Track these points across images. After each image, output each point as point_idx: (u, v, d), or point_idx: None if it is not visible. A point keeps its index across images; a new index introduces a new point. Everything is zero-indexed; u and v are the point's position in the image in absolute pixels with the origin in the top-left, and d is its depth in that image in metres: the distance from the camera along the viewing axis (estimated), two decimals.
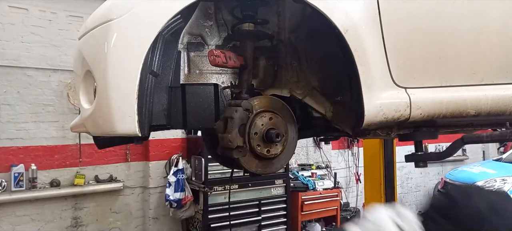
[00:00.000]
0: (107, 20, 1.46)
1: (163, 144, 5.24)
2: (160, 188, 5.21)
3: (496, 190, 1.08)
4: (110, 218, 5.07)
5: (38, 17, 4.60)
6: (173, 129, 1.90)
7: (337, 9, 1.59)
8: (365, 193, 4.40)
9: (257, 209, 5.18)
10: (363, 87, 1.61)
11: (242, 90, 1.80)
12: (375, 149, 4.03)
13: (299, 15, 1.85)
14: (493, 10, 1.88)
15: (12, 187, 4.38)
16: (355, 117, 1.70)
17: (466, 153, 7.99)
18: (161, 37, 1.52)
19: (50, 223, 4.67)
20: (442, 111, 1.77)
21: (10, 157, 4.47)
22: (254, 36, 1.83)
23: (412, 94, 1.72)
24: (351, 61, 1.60)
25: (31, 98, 4.59)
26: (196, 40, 1.84)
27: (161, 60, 1.60)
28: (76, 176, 4.79)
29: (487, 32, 1.87)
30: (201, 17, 1.83)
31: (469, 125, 2.25)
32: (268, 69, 1.95)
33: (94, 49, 1.53)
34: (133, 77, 1.42)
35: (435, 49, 1.79)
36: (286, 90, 1.95)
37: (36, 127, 4.62)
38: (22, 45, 4.53)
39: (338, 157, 6.86)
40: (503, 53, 1.90)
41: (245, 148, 1.68)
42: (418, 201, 7.72)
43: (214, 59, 1.67)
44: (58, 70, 4.70)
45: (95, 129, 1.59)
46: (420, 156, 2.09)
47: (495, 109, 1.87)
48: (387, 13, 1.67)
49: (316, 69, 1.91)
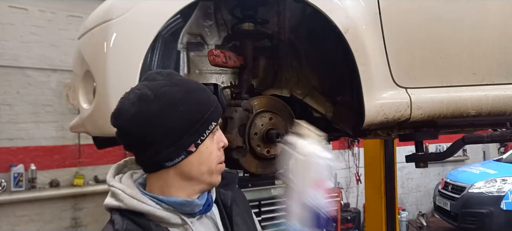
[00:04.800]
0: (106, 20, 1.46)
1: None
2: None
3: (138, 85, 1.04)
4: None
5: (38, 17, 4.60)
6: None
7: (338, 8, 1.58)
8: (366, 193, 4.39)
9: (257, 210, 5.16)
10: (364, 88, 1.61)
11: (242, 91, 1.79)
12: (376, 149, 4.01)
13: (299, 15, 1.85)
14: (493, 10, 1.87)
15: (12, 187, 4.37)
16: (356, 117, 1.69)
17: (466, 153, 7.98)
18: (160, 37, 1.52)
19: (50, 224, 4.67)
20: (442, 112, 1.77)
21: (9, 157, 4.47)
22: (254, 36, 1.83)
23: (412, 94, 1.72)
24: (351, 61, 1.60)
25: (30, 99, 4.59)
26: (195, 40, 1.84)
27: (160, 60, 1.59)
28: (76, 176, 4.78)
29: (488, 32, 1.86)
30: (201, 17, 1.82)
31: (470, 125, 2.24)
32: (268, 69, 1.95)
33: (94, 49, 1.52)
34: (132, 77, 1.42)
35: (436, 49, 1.78)
36: (286, 90, 1.94)
37: (35, 127, 4.61)
38: (22, 45, 4.52)
39: (338, 157, 6.85)
40: (503, 54, 1.90)
41: (245, 148, 1.67)
42: (418, 201, 7.71)
43: (214, 59, 1.66)
44: (58, 70, 4.69)
45: (94, 129, 1.59)
46: (421, 156, 2.09)
47: (496, 110, 1.86)
48: (388, 13, 1.67)
49: (316, 69, 1.90)
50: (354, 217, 6.25)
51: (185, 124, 0.93)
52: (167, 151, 0.93)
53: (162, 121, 0.91)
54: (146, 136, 0.91)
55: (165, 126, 0.91)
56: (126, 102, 0.92)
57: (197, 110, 0.95)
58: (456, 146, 2.01)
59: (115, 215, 0.94)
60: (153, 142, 0.92)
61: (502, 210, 5.22)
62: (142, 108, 0.90)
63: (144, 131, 0.91)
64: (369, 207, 4.36)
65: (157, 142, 0.92)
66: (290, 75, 1.94)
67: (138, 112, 0.90)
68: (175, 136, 0.92)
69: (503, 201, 5.24)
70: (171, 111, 0.91)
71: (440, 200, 6.15)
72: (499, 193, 5.33)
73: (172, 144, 0.92)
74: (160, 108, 0.90)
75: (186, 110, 0.93)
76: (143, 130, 0.91)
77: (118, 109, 0.93)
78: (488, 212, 5.24)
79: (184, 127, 0.93)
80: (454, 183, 5.97)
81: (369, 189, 4.24)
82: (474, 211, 5.36)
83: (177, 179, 0.97)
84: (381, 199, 3.88)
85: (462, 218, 5.42)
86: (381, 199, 3.88)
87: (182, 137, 0.93)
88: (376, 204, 4.02)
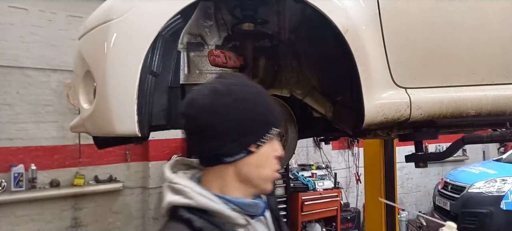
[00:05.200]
0: (107, 20, 1.46)
1: (163, 144, 5.23)
2: (160, 188, 5.19)
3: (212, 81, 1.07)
4: (109, 218, 5.06)
5: (38, 17, 4.59)
6: (173, 129, 1.90)
7: (337, 9, 1.58)
8: (365, 193, 4.40)
9: None
10: (363, 88, 1.61)
11: None
12: (375, 149, 4.02)
13: (299, 15, 1.85)
14: (493, 10, 1.87)
15: (12, 187, 4.37)
16: (355, 117, 1.70)
17: (466, 153, 7.98)
18: (161, 37, 1.52)
19: (50, 224, 4.67)
20: (442, 112, 1.77)
21: (9, 157, 4.46)
22: (254, 36, 1.83)
23: (412, 94, 1.72)
24: (351, 61, 1.60)
25: (30, 99, 4.58)
26: (196, 40, 1.84)
27: (161, 60, 1.59)
28: (76, 176, 4.78)
29: (487, 32, 1.86)
30: (201, 17, 1.82)
31: (470, 125, 2.25)
32: (268, 69, 1.95)
33: (94, 49, 1.52)
34: (132, 78, 1.42)
35: (436, 49, 1.79)
36: (286, 90, 1.94)
37: (35, 127, 4.61)
38: (22, 45, 4.52)
39: (338, 157, 6.85)
40: (503, 54, 1.90)
41: None
42: (418, 201, 7.71)
43: (214, 59, 1.67)
44: (58, 70, 4.69)
45: (94, 129, 1.59)
46: (420, 156, 2.09)
47: (496, 110, 1.86)
48: (387, 13, 1.67)
49: (316, 69, 1.90)
50: (354, 217, 6.25)
51: (250, 123, 0.96)
52: (230, 145, 0.95)
53: (230, 115, 0.94)
54: (213, 127, 0.94)
55: (232, 120, 0.94)
56: (199, 94, 0.97)
57: (263, 113, 0.99)
58: (456, 146, 2.01)
59: (183, 212, 0.93)
60: (218, 134, 0.95)
61: (502, 210, 5.21)
62: (213, 101, 0.94)
63: (211, 122, 0.94)
64: (368, 206, 4.37)
65: (222, 135, 0.95)
66: (290, 75, 1.94)
67: (209, 103, 0.94)
68: (239, 132, 0.95)
69: (503, 201, 5.24)
70: (239, 107, 0.95)
71: (439, 200, 6.15)
72: (499, 193, 5.32)
73: (236, 140, 0.95)
74: (230, 103, 0.94)
75: (253, 110, 0.96)
76: (211, 120, 0.94)
77: (191, 99, 0.98)
78: (488, 212, 5.24)
79: (249, 125, 0.96)
80: (454, 183, 5.97)
81: (369, 188, 4.25)
82: (474, 211, 5.36)
83: (235, 179, 0.99)
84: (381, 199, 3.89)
85: (461, 218, 5.42)
86: (381, 199, 3.89)
87: (246, 134, 0.96)
88: (376, 203, 4.03)
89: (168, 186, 0.98)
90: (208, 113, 0.94)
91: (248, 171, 0.99)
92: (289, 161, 4.75)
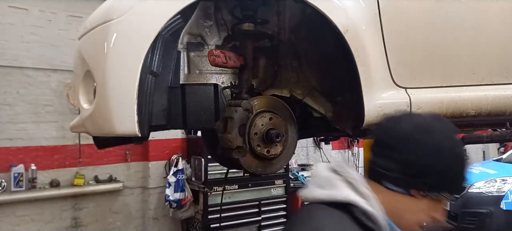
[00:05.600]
0: (107, 20, 1.46)
1: (163, 144, 5.23)
2: (160, 188, 5.20)
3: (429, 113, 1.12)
4: (109, 218, 5.06)
5: (38, 17, 4.60)
6: (173, 129, 1.90)
7: (337, 9, 1.58)
8: None
9: (257, 210, 5.18)
10: (363, 88, 1.61)
11: (242, 91, 1.80)
12: None
13: (299, 15, 1.85)
14: (493, 10, 1.87)
15: (12, 187, 4.38)
16: (355, 117, 1.70)
17: (466, 153, 7.98)
18: (161, 37, 1.52)
19: (50, 223, 4.67)
20: (442, 112, 1.77)
21: (9, 157, 4.47)
22: (254, 36, 1.83)
23: (412, 94, 1.72)
24: (351, 62, 1.60)
25: (30, 99, 4.59)
26: (196, 40, 1.84)
27: (161, 60, 1.59)
28: (76, 176, 4.79)
29: (487, 32, 1.86)
30: (201, 17, 1.82)
31: (469, 125, 2.24)
32: (268, 69, 1.95)
33: (94, 49, 1.53)
34: (133, 77, 1.42)
35: (436, 49, 1.79)
36: (286, 90, 1.94)
37: (35, 127, 4.61)
38: (22, 45, 4.52)
39: (338, 157, 6.85)
40: (503, 54, 1.90)
41: (245, 148, 1.67)
42: None
43: (214, 59, 1.67)
44: (58, 70, 4.69)
45: (94, 129, 1.59)
46: None
47: (496, 110, 1.86)
48: (387, 13, 1.67)
49: (316, 69, 1.90)
50: None
51: (427, 170, 0.96)
52: (396, 173, 0.97)
53: (417, 151, 0.95)
54: (395, 150, 0.97)
55: (413, 157, 0.95)
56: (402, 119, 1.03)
57: (454, 176, 0.99)
58: None
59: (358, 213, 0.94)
60: (395, 159, 0.97)
61: (502, 210, 5.21)
62: (430, 136, 0.96)
63: (395, 146, 0.97)
64: None
65: (397, 161, 0.96)
66: (290, 76, 1.94)
67: (407, 131, 0.97)
68: (412, 169, 0.96)
69: (503, 201, 5.24)
70: (444, 156, 0.96)
71: None
72: (499, 193, 5.32)
73: (406, 173, 0.96)
74: (426, 142, 0.95)
75: (450, 166, 0.97)
76: (397, 145, 0.97)
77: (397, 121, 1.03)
78: (488, 212, 5.24)
79: (425, 171, 0.96)
80: None
81: None
82: (474, 211, 5.35)
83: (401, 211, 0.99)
84: None
85: (461, 218, 5.41)
86: None
87: (415, 175, 0.96)
88: None
89: (345, 180, 1.00)
90: (401, 140, 0.97)
91: (399, 209, 0.99)
92: (289, 161, 4.74)
